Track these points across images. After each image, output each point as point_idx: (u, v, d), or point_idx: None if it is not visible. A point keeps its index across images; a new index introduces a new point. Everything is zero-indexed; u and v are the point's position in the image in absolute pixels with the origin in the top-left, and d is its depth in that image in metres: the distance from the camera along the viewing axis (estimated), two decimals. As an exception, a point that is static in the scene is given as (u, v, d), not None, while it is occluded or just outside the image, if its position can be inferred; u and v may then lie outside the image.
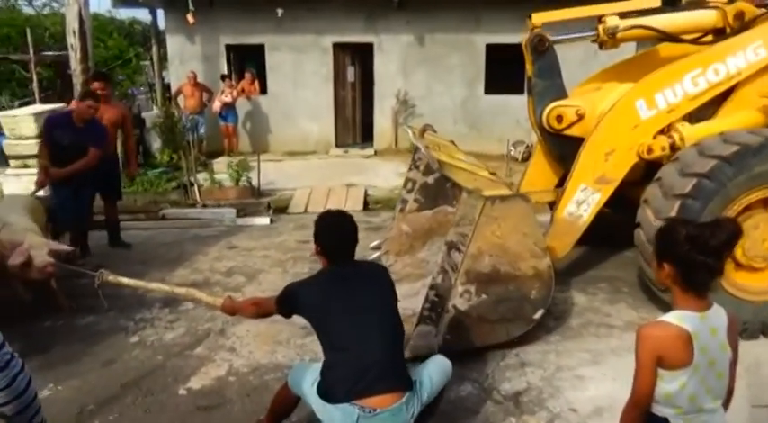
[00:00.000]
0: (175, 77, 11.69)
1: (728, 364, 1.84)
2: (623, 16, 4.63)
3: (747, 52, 4.35)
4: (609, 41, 4.69)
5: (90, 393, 3.37)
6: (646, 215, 4.14)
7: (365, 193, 8.36)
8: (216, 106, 10.89)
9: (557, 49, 4.79)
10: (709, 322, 1.80)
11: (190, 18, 10.44)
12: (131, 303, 4.50)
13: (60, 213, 5.08)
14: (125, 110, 6.19)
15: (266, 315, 2.91)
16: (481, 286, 3.57)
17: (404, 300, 3.46)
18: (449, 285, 3.57)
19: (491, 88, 11.33)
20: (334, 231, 2.64)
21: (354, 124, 12.41)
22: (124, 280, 3.75)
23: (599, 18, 4.68)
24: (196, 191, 7.89)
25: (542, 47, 4.71)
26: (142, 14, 18.15)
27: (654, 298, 4.33)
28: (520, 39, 4.89)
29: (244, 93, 11.36)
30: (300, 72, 11.60)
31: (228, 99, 10.80)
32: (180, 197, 8.15)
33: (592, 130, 4.48)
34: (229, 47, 11.74)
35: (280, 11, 10.84)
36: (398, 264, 4.77)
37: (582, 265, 5.24)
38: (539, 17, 4.78)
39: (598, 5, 4.86)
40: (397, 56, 11.48)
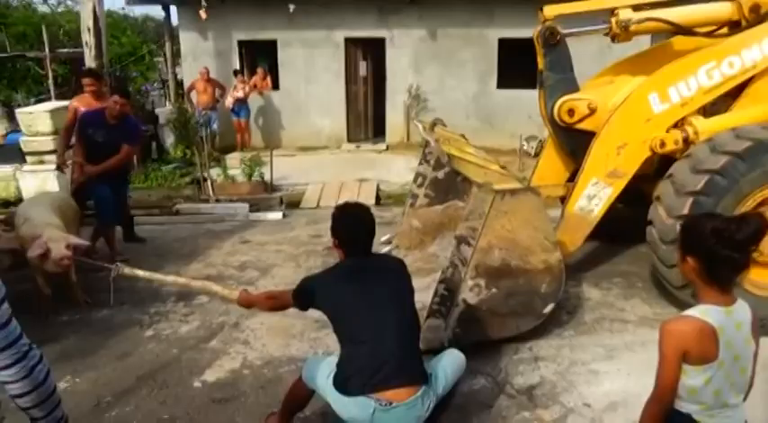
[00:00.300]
0: (188, 73, 11.75)
1: (752, 359, 1.82)
2: (636, 9, 4.57)
3: (763, 45, 4.28)
4: (622, 34, 4.63)
5: (106, 386, 3.42)
6: (658, 213, 4.11)
7: (377, 187, 8.36)
8: (228, 102, 10.94)
9: (570, 42, 4.74)
10: (735, 317, 1.78)
11: (202, 14, 10.50)
12: (146, 297, 4.55)
13: (102, 210, 5.14)
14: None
15: (282, 308, 2.92)
16: (491, 280, 3.56)
17: (414, 294, 3.47)
18: (459, 279, 3.57)
19: (504, 83, 11.27)
20: (352, 224, 2.61)
21: (366, 119, 12.40)
22: (140, 273, 3.79)
23: (612, 11, 4.62)
24: (209, 186, 7.95)
25: (553, 40, 4.67)
26: (155, 11, 18.27)
27: (668, 293, 4.29)
28: (533, 33, 4.85)
29: (256, 88, 11.40)
30: (312, 67, 11.61)
31: (241, 95, 10.84)
32: (193, 192, 8.22)
33: (604, 123, 4.44)
34: (242, 43, 11.78)
35: (292, 6, 10.84)
36: (408, 258, 4.76)
37: (596, 261, 5.21)
38: (550, 10, 4.74)
39: None
40: (409, 50, 11.45)
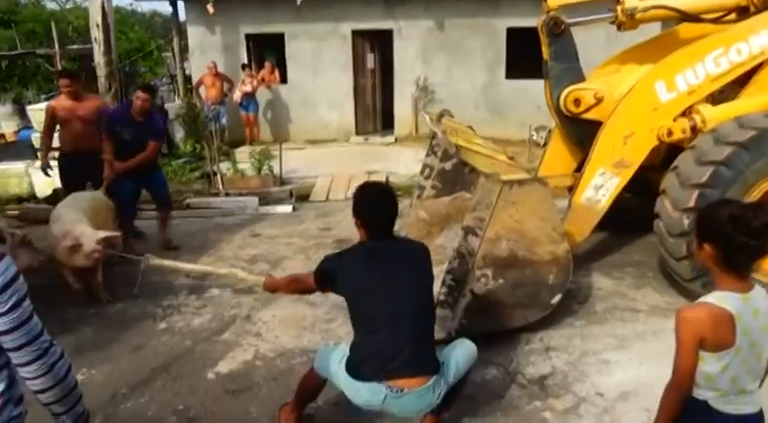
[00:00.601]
0: (196, 68, 11.78)
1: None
2: None
3: None
4: (627, 23, 4.59)
5: (121, 378, 3.46)
6: (664, 206, 4.08)
7: (386, 180, 8.35)
8: (237, 96, 10.96)
9: (577, 31, 4.70)
10: (752, 303, 1.76)
11: (210, 8, 10.50)
12: (159, 290, 4.58)
13: (122, 206, 5.18)
14: (101, 104, 5.78)
15: (306, 291, 2.92)
16: (498, 271, 3.55)
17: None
18: (466, 270, 3.57)
19: (512, 73, 11.20)
20: (375, 204, 2.57)
21: (374, 112, 12.38)
22: (167, 263, 3.87)
23: None
24: (219, 180, 7.98)
25: (558, 29, 4.63)
26: (163, 7, 18.31)
27: (680, 283, 4.27)
28: (537, 22, 4.81)
29: (264, 82, 11.41)
30: (320, 60, 11.59)
31: (249, 89, 10.86)
32: (203, 186, 8.25)
33: (610, 113, 4.40)
34: (249, 36, 11.78)
35: (299, -1, 10.84)
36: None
37: (607, 250, 5.19)
38: None
39: None
40: (416, 42, 11.40)
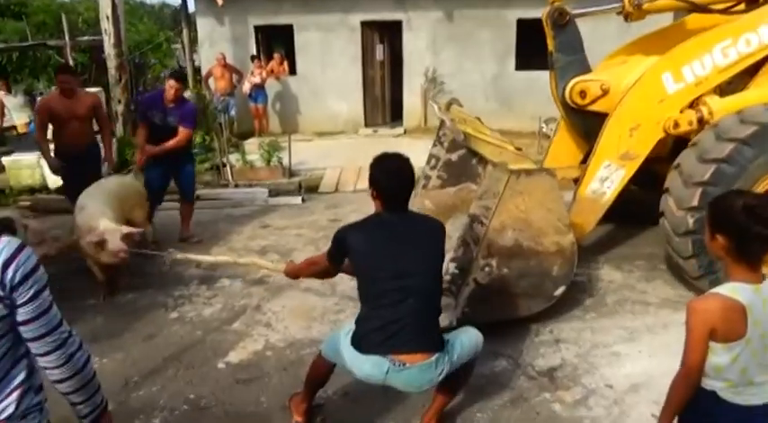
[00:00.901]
0: (206, 60, 11.79)
1: None
2: None
3: None
4: (635, 13, 4.54)
5: (134, 366, 3.50)
6: (668, 205, 4.06)
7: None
8: (246, 87, 10.96)
9: (588, 21, 4.66)
10: (764, 294, 1.76)
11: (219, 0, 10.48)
12: (170, 281, 4.62)
13: (150, 193, 5.23)
14: (96, 99, 5.65)
15: (324, 272, 2.90)
16: (503, 260, 3.54)
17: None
18: (470, 258, 3.56)
19: (522, 64, 11.12)
20: (392, 174, 2.52)
21: (383, 103, 12.34)
22: (191, 256, 3.91)
23: None
24: (229, 171, 8.00)
25: (562, 21, 4.60)
26: (171, -2, 18.35)
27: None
28: (542, 14, 4.77)
29: (273, 73, 11.40)
30: (329, 51, 11.56)
31: (258, 80, 10.85)
32: (213, 178, 8.28)
33: (616, 104, 4.35)
34: (258, 28, 11.76)
35: (308, -10, 10.81)
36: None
37: (617, 243, 5.17)
38: None
39: None
40: (426, 33, 11.34)
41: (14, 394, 1.41)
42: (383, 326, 2.42)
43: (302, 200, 7.27)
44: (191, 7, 12.95)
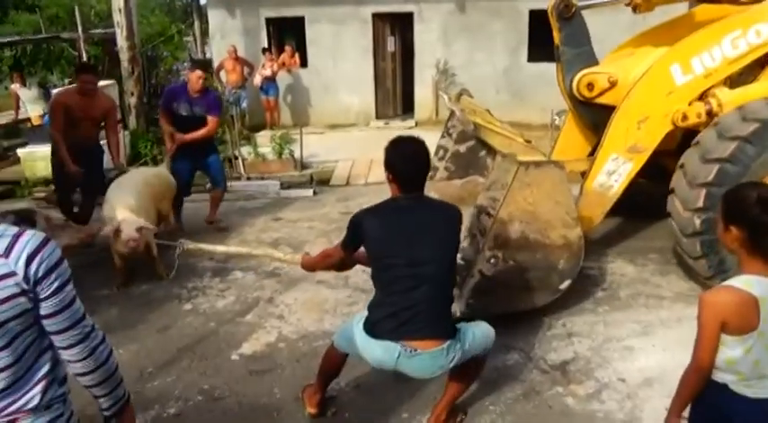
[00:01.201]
0: (217, 52, 11.80)
1: None
2: None
3: None
4: (643, 5, 4.49)
5: (148, 357, 3.53)
6: (675, 206, 4.02)
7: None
8: (257, 80, 10.97)
9: (600, 13, 4.61)
10: None
11: (230, -9, 10.48)
12: (183, 273, 4.64)
13: (178, 185, 5.27)
14: (112, 104, 5.61)
15: (339, 264, 2.89)
16: (509, 252, 3.51)
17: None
18: (476, 249, 3.54)
19: (534, 56, 11.02)
20: (407, 157, 2.51)
21: (395, 95, 12.31)
22: (203, 246, 3.94)
23: None
24: (241, 164, 8.03)
25: (568, 13, 4.56)
26: (183, -10, 18.35)
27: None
28: (547, 6, 4.73)
29: (284, 66, 11.40)
30: (340, 44, 11.54)
31: (269, 73, 10.86)
32: (225, 170, 8.30)
33: (624, 97, 4.29)
34: (269, 20, 11.76)
35: (319, -18, 10.78)
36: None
37: (630, 237, 5.14)
38: None
39: None
40: (437, 24, 11.28)
41: (39, 386, 1.43)
42: (395, 312, 2.43)
43: (314, 192, 7.29)
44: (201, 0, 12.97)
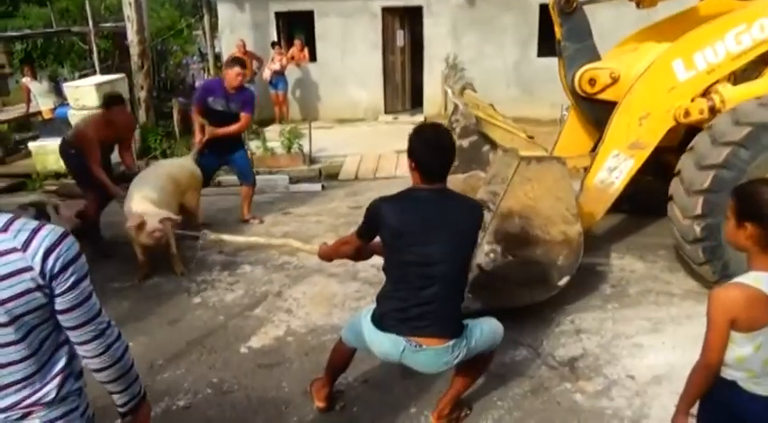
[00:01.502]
0: (226, 46, 11.82)
1: None
2: None
3: None
4: (645, 0, 4.43)
5: (158, 350, 3.56)
6: (675, 213, 3.99)
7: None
8: (266, 74, 10.98)
9: (608, 8, 4.57)
10: None
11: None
12: (193, 266, 4.68)
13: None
14: (133, 124, 5.79)
15: (355, 253, 2.82)
16: (508, 247, 3.49)
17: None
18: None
19: (545, 50, 10.92)
20: (431, 145, 2.42)
21: (404, 90, 12.28)
22: (224, 237, 3.97)
23: None
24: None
25: (569, 8, 4.51)
26: (192, -16, 18.36)
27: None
28: (548, 1, 4.69)
29: (293, 60, 11.40)
30: (349, 38, 11.51)
31: (278, 67, 10.86)
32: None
33: (625, 93, 4.24)
34: (279, 14, 11.75)
35: (328, -25, 10.75)
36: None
37: (639, 233, 5.10)
38: None
39: None
40: (446, 18, 11.23)
41: (56, 380, 1.44)
42: (403, 308, 2.43)
43: (322, 187, 7.30)
44: (211, -7, 12.97)
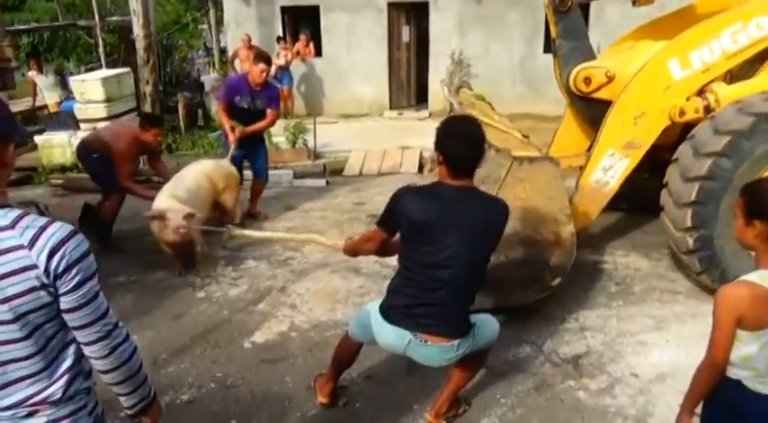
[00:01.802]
0: (232, 41, 11.81)
1: None
2: None
3: None
4: None
5: (162, 344, 3.57)
6: (667, 201, 3.96)
7: (420, 155, 8.30)
8: (271, 69, 10.95)
9: (612, 6, 4.55)
10: None
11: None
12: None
13: None
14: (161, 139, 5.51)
15: (380, 249, 2.70)
16: (500, 248, 3.45)
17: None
18: None
19: (550, 47, 10.87)
20: (461, 137, 2.34)
21: (409, 86, 12.24)
22: (248, 232, 4.03)
23: None
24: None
25: (564, 6, 4.50)
26: (198, -22, 18.36)
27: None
28: None
29: (299, 55, 11.38)
30: (355, 33, 11.48)
31: (283, 62, 10.84)
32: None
33: (620, 92, 4.20)
34: (284, 9, 11.73)
35: (334, -30, 10.71)
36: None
37: (645, 231, 5.08)
38: None
39: None
40: (452, 14, 11.17)
41: (63, 379, 1.42)
42: (411, 305, 2.44)
43: (327, 182, 7.29)
44: (217, -12, 12.97)
